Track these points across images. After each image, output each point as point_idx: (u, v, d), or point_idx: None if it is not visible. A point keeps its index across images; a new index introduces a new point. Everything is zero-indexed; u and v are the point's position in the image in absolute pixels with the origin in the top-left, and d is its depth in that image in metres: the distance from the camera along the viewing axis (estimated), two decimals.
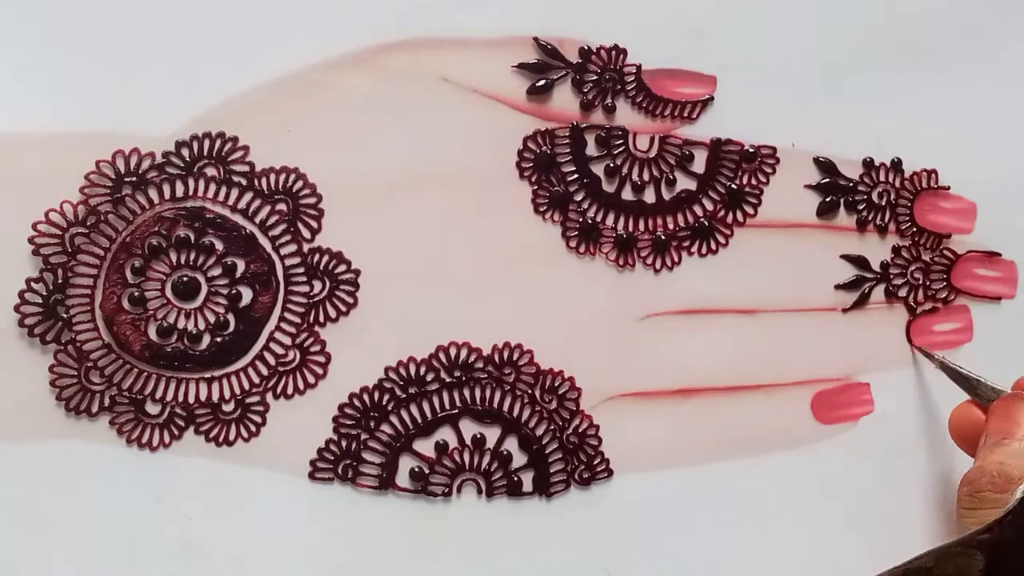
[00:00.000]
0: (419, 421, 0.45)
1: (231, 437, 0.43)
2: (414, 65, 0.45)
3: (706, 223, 0.47)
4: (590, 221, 0.46)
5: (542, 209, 0.46)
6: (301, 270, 0.44)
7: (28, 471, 0.42)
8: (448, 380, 0.45)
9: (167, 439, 0.43)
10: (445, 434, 0.45)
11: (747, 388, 0.46)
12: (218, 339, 0.43)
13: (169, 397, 0.43)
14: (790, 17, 0.47)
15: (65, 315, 0.42)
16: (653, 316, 0.46)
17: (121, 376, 0.43)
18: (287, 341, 0.44)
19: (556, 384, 0.45)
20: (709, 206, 0.47)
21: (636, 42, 0.46)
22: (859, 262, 0.48)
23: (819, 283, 0.47)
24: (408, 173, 0.45)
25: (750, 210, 0.47)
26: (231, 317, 0.44)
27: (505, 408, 0.45)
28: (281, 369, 0.44)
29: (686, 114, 0.47)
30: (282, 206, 0.44)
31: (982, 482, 0.38)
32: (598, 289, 0.46)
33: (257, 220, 0.44)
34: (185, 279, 0.43)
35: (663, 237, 0.46)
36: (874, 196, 0.48)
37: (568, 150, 0.46)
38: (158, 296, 0.43)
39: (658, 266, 0.46)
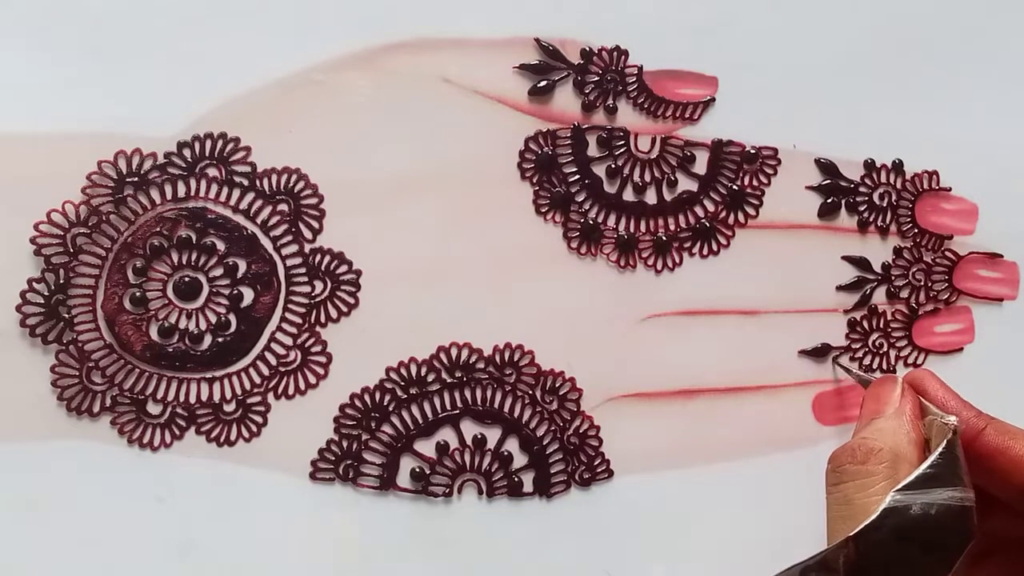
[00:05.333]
0: (420, 421, 0.45)
1: (232, 437, 0.43)
2: (415, 66, 0.45)
3: (707, 224, 0.47)
4: (591, 222, 0.46)
5: (543, 210, 0.46)
6: (302, 270, 0.44)
7: (29, 471, 0.42)
8: (449, 381, 0.45)
9: (168, 439, 0.43)
10: (446, 434, 0.45)
11: (748, 389, 0.46)
12: (219, 339, 0.43)
13: (170, 397, 0.43)
14: (791, 18, 0.47)
15: (67, 315, 0.42)
16: (654, 317, 0.46)
17: (122, 376, 0.43)
18: (288, 341, 0.44)
19: (557, 385, 0.45)
20: (710, 207, 0.47)
21: (637, 43, 0.46)
22: (860, 263, 0.48)
23: (820, 284, 0.47)
24: (409, 174, 0.45)
25: (751, 211, 0.47)
26: (232, 317, 0.44)
27: (506, 409, 0.45)
28: (282, 369, 0.44)
29: (687, 115, 0.47)
30: (283, 206, 0.44)
31: (843, 456, 0.37)
32: (599, 290, 0.46)
33: (259, 220, 0.44)
34: (186, 279, 0.43)
35: (664, 238, 0.46)
36: (875, 197, 0.48)
37: (569, 151, 0.46)
38: (159, 296, 0.43)
39: (659, 267, 0.46)
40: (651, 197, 0.47)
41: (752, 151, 0.47)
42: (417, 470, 0.44)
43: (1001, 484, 0.38)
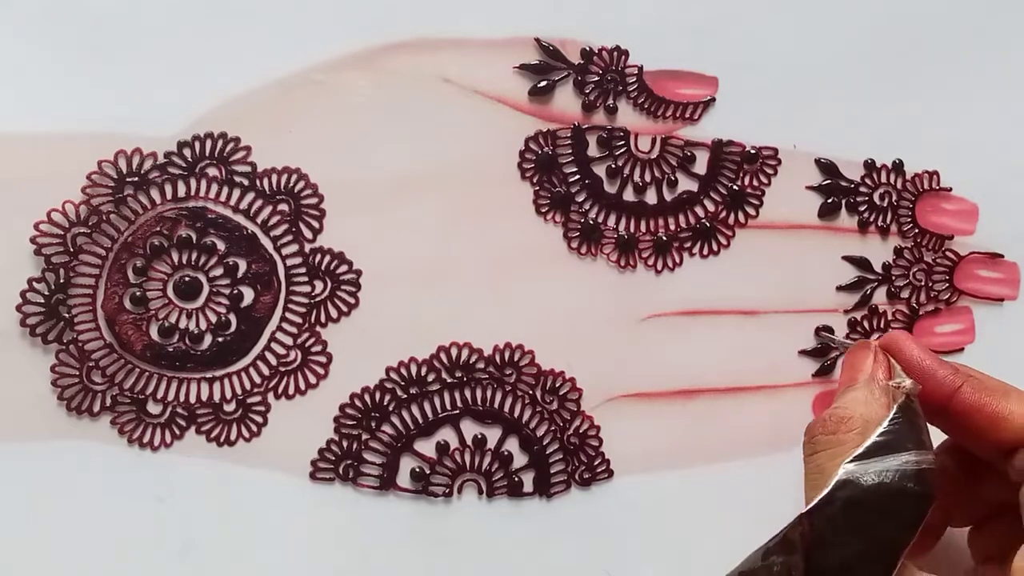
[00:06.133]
0: (420, 421, 0.45)
1: (232, 437, 0.43)
2: (416, 66, 0.45)
3: (707, 224, 0.47)
4: (591, 222, 0.46)
5: (544, 210, 0.46)
6: (303, 270, 0.44)
7: (29, 471, 0.42)
8: (449, 380, 0.45)
9: (168, 439, 0.43)
10: (446, 434, 0.45)
11: (748, 389, 0.46)
12: (219, 339, 0.43)
13: (170, 397, 0.43)
14: (791, 18, 0.47)
15: (67, 315, 0.42)
16: (654, 317, 0.46)
17: (123, 376, 0.43)
18: (288, 341, 0.44)
19: (557, 385, 0.45)
20: (710, 207, 0.47)
21: (638, 43, 0.46)
22: (861, 263, 0.48)
23: (821, 284, 0.47)
24: (410, 174, 0.45)
25: (751, 211, 0.47)
26: (232, 317, 0.44)
27: (506, 409, 0.45)
28: (282, 369, 0.44)
29: (687, 115, 0.47)
30: (284, 206, 0.44)
31: (816, 427, 0.37)
32: (599, 290, 0.46)
33: (259, 220, 0.44)
34: (187, 279, 0.43)
35: (664, 238, 0.46)
36: (876, 197, 0.48)
37: (570, 151, 0.46)
38: (160, 296, 0.43)
39: (659, 267, 0.46)
40: (651, 197, 0.47)
41: (752, 151, 0.47)
42: (417, 470, 0.44)
43: (979, 442, 0.38)
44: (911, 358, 0.40)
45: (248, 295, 0.44)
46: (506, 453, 0.45)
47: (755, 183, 0.47)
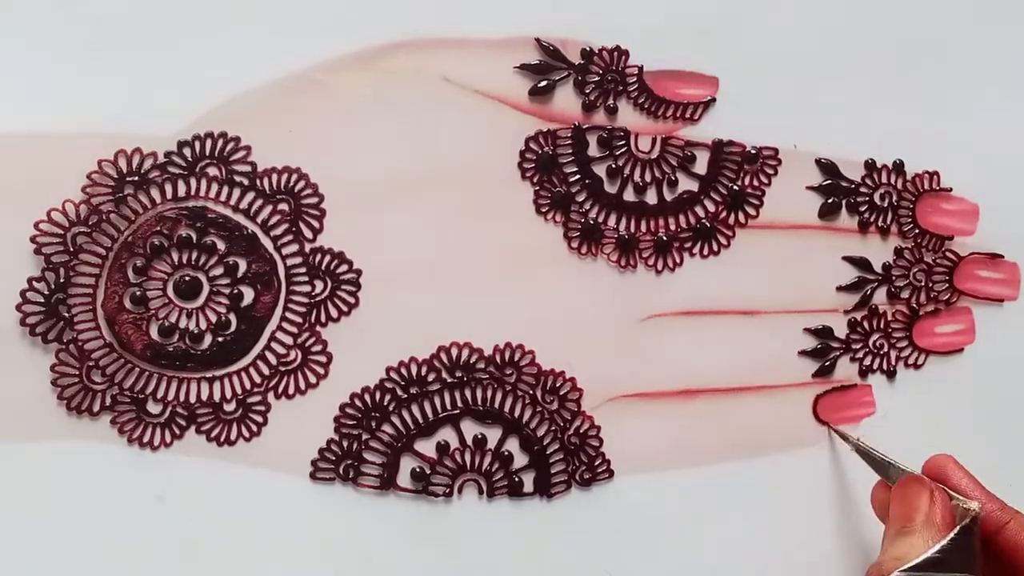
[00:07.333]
0: (420, 421, 0.45)
1: (232, 437, 0.43)
2: (416, 66, 0.45)
3: (708, 224, 0.47)
4: (592, 222, 0.46)
5: (544, 210, 0.46)
6: (303, 270, 0.44)
7: (29, 471, 0.42)
8: (449, 380, 0.45)
9: (168, 439, 0.43)
10: (446, 434, 0.45)
11: (749, 389, 0.46)
12: (220, 339, 0.43)
13: (170, 397, 0.43)
14: (792, 18, 0.47)
15: (67, 314, 0.42)
16: (655, 317, 0.46)
17: (122, 375, 0.43)
18: (288, 341, 0.44)
19: (557, 385, 0.45)
20: (711, 207, 0.47)
21: (638, 43, 0.46)
22: (861, 264, 0.48)
23: (821, 284, 0.47)
24: (410, 173, 0.45)
25: (752, 211, 0.47)
26: (233, 317, 0.44)
27: (506, 409, 0.45)
28: (282, 369, 0.44)
29: (688, 115, 0.47)
30: (284, 206, 0.44)
31: (873, 573, 0.37)
32: (600, 290, 0.46)
33: (259, 220, 0.44)
34: (187, 279, 0.43)
35: (665, 238, 0.46)
36: (876, 198, 0.48)
37: (570, 151, 0.46)
38: (160, 296, 0.43)
39: (660, 267, 0.46)
40: (652, 197, 0.47)
41: (753, 151, 0.47)
42: (417, 470, 0.44)
43: None
44: (958, 487, 0.39)
45: (248, 295, 0.44)
46: (506, 453, 0.45)
47: (755, 183, 0.47)
